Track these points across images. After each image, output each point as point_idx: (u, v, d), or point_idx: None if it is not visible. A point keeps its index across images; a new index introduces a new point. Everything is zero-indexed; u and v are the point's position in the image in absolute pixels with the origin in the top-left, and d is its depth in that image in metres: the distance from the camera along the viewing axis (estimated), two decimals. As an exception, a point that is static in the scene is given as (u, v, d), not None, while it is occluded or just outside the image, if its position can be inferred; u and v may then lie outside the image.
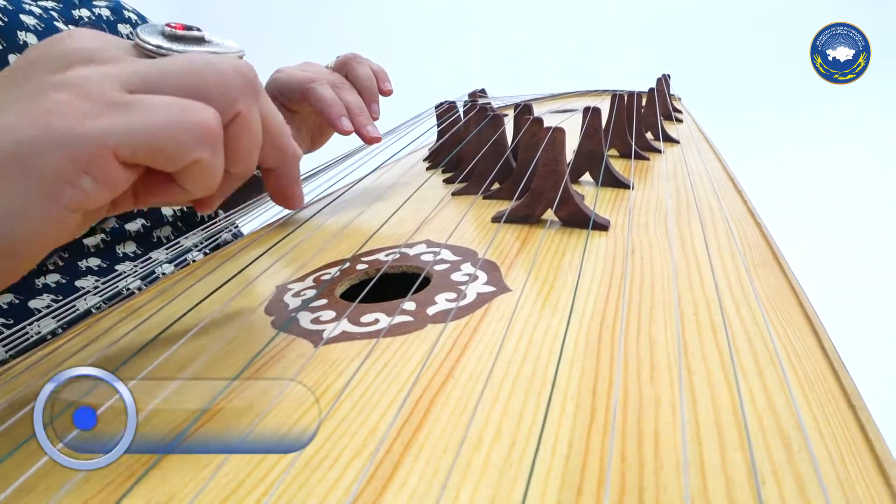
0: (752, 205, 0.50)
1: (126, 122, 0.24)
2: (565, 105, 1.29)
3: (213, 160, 0.26)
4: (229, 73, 0.27)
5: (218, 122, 0.26)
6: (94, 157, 0.23)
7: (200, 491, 0.21)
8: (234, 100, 0.27)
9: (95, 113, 0.24)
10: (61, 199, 0.23)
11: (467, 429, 0.23)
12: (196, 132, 0.25)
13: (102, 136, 0.23)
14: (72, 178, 0.23)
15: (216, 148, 0.26)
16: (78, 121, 0.23)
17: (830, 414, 0.23)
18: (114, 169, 0.24)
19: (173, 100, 0.25)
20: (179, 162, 0.25)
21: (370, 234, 0.48)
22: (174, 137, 0.25)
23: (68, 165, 0.23)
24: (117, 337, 0.37)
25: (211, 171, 0.27)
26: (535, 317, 0.31)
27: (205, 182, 0.27)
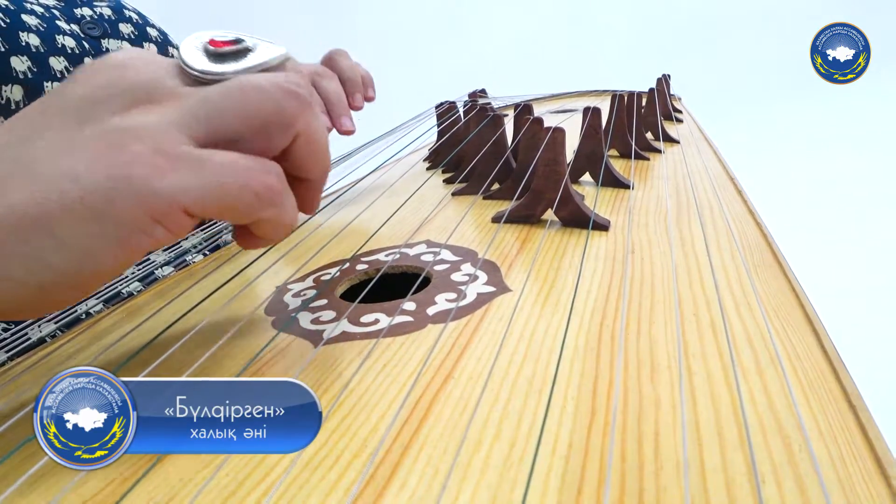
0: (752, 205, 0.50)
1: (198, 182, 0.25)
2: (565, 105, 1.29)
3: (281, 214, 0.28)
4: (280, 98, 0.27)
5: (283, 180, 0.27)
6: (168, 212, 0.25)
7: (200, 490, 0.21)
8: (291, 124, 0.28)
9: (169, 168, 0.25)
10: (132, 244, 0.25)
11: (467, 429, 0.23)
12: (262, 193, 0.26)
13: (176, 193, 0.25)
14: (145, 228, 0.25)
15: (282, 204, 0.28)
16: (153, 176, 0.24)
17: (831, 414, 0.23)
18: (183, 220, 0.26)
19: (241, 160, 0.26)
20: (245, 220, 0.27)
21: (370, 234, 0.48)
22: (242, 200, 0.26)
23: (143, 217, 0.25)
24: (117, 338, 0.37)
25: (281, 223, 0.28)
26: (535, 317, 0.31)
27: (276, 232, 0.29)
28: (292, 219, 0.29)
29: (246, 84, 0.28)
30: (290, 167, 0.29)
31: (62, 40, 0.55)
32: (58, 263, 0.24)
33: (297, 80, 0.29)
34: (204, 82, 0.29)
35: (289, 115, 0.28)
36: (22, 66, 0.51)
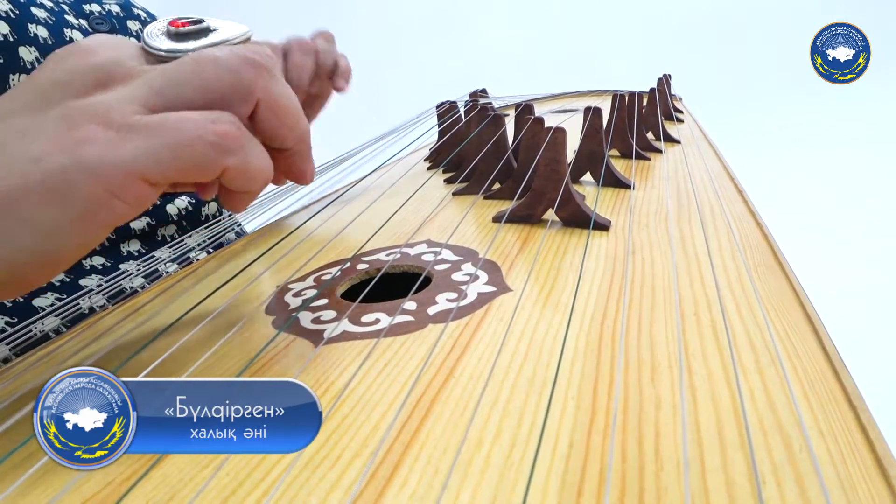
0: (752, 205, 0.50)
1: (149, 147, 0.25)
2: (566, 105, 1.29)
3: (245, 161, 0.27)
4: (237, 65, 0.27)
5: (236, 125, 0.27)
6: (124, 184, 0.25)
7: (201, 490, 0.21)
8: (249, 90, 0.28)
9: (119, 139, 0.25)
10: (95, 220, 0.25)
11: (468, 429, 0.23)
12: (215, 142, 0.26)
13: (129, 163, 0.25)
14: (105, 203, 0.25)
15: (242, 150, 0.27)
16: (105, 150, 0.25)
17: (831, 414, 0.23)
18: (143, 190, 0.26)
19: (190, 115, 0.26)
20: (209, 174, 0.27)
21: (371, 233, 0.48)
22: (196, 153, 0.26)
23: (100, 193, 0.25)
24: (119, 336, 0.37)
25: (249, 170, 0.27)
26: (535, 317, 0.31)
27: (248, 180, 0.28)
28: (260, 164, 0.28)
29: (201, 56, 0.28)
30: (262, 139, 0.29)
31: (70, 34, 0.56)
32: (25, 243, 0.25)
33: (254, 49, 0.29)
34: (164, 61, 0.29)
35: (246, 82, 0.27)
36: (30, 57, 0.51)
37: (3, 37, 0.50)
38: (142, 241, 0.58)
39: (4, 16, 0.51)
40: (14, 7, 0.52)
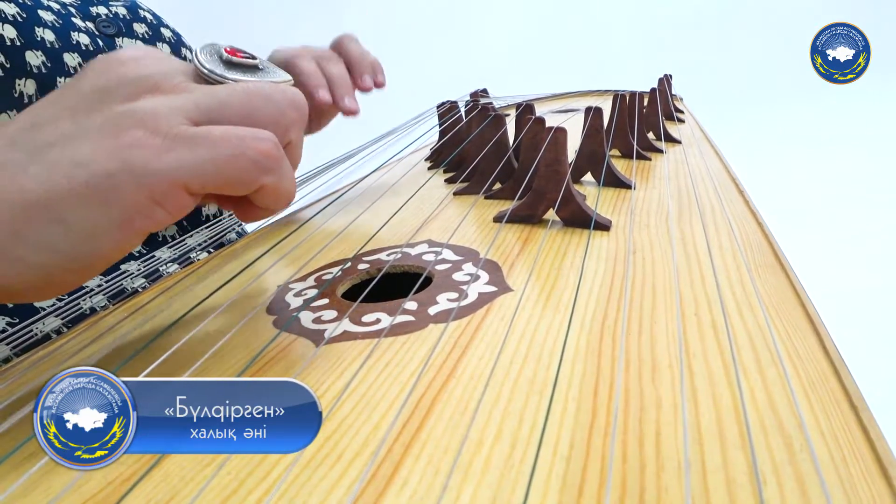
0: (753, 205, 0.50)
1: (194, 158, 0.26)
2: (567, 105, 1.29)
3: (280, 181, 0.28)
4: (283, 105, 0.29)
5: (278, 147, 0.28)
6: (167, 192, 0.26)
7: (201, 490, 0.21)
8: (287, 130, 0.29)
9: (166, 149, 0.26)
10: (134, 226, 0.26)
11: (468, 429, 0.23)
12: (258, 160, 0.27)
13: (173, 172, 0.25)
14: (145, 210, 0.26)
15: (280, 170, 0.28)
16: (151, 157, 0.25)
17: (832, 414, 0.23)
18: (183, 199, 0.27)
19: (235, 131, 0.27)
20: (247, 189, 0.28)
21: (372, 233, 0.48)
22: (238, 168, 0.27)
23: (143, 199, 0.25)
24: (119, 336, 0.37)
25: (281, 190, 0.29)
26: (536, 317, 0.31)
27: (278, 200, 0.30)
28: (291, 186, 0.30)
29: (253, 87, 0.29)
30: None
31: (77, 37, 0.56)
32: (63, 246, 0.25)
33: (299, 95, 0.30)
34: (211, 82, 0.30)
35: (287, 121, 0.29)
36: (36, 61, 0.51)
37: (10, 41, 0.50)
38: (143, 242, 0.58)
39: (11, 19, 0.51)
40: (21, 10, 0.52)
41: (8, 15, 0.50)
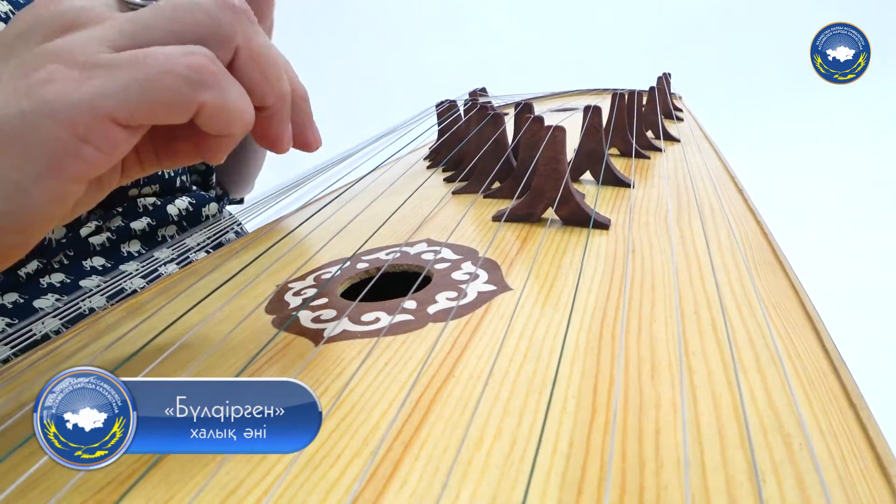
0: (752, 203, 0.50)
1: (116, 83, 0.23)
2: (566, 104, 1.29)
3: (223, 97, 0.25)
4: (214, 10, 0.26)
5: (211, 59, 0.25)
6: (91, 125, 0.23)
7: (201, 490, 0.21)
8: (229, 36, 0.26)
9: (84, 78, 0.23)
10: (64, 171, 0.23)
11: (468, 428, 0.23)
12: (189, 75, 0.24)
13: (94, 100, 0.23)
14: (72, 149, 0.23)
15: (220, 85, 0.25)
16: (68, 88, 0.23)
17: (831, 413, 0.23)
18: (113, 133, 0.24)
19: (161, 49, 0.24)
20: (184, 111, 0.25)
21: (370, 232, 0.48)
22: (168, 87, 0.24)
23: (65, 136, 0.23)
24: (119, 335, 0.37)
25: (226, 109, 0.25)
26: (535, 316, 0.31)
27: (226, 120, 0.26)
28: (240, 104, 0.26)
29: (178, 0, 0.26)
30: None
31: None
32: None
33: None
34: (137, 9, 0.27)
35: (225, 27, 0.25)
36: None
37: None
38: (142, 242, 0.58)
39: (4, 17, 0.50)
40: (14, 8, 0.51)
41: (1, 13, 0.50)
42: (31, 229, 0.24)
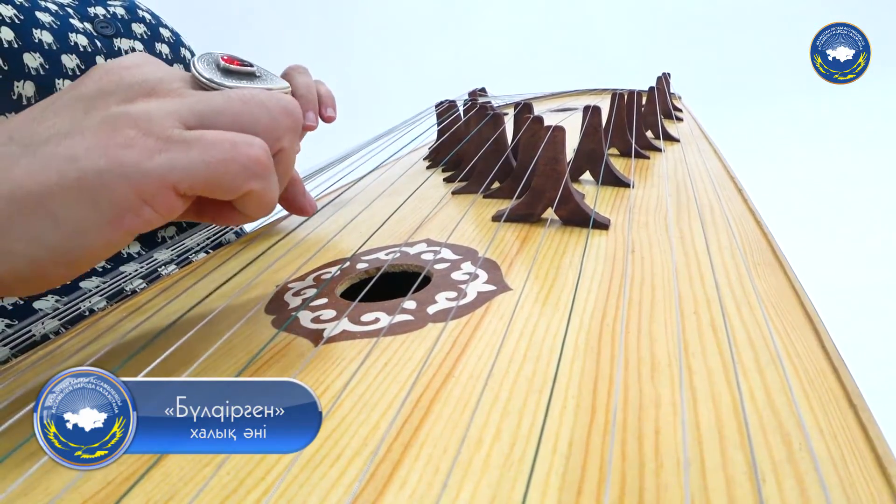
0: (752, 203, 0.50)
1: (185, 159, 0.26)
2: (565, 104, 1.29)
3: (267, 188, 0.29)
4: (277, 112, 0.30)
5: (268, 155, 0.29)
6: (156, 192, 0.26)
7: (201, 490, 0.21)
8: (280, 138, 0.30)
9: (158, 150, 0.26)
10: (123, 225, 0.26)
11: (468, 428, 0.23)
12: (248, 166, 0.28)
13: (164, 172, 0.26)
14: (135, 208, 0.26)
15: (268, 178, 0.29)
16: (143, 157, 0.26)
17: (831, 413, 0.23)
18: (172, 200, 0.27)
19: (228, 135, 0.28)
20: (234, 193, 0.28)
21: (370, 232, 0.48)
22: (228, 172, 0.27)
23: (133, 197, 0.26)
24: (119, 336, 0.37)
25: (266, 198, 0.30)
26: (535, 316, 0.31)
27: (261, 207, 0.30)
28: (276, 194, 0.30)
29: (248, 94, 0.30)
30: None
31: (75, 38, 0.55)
32: (52, 241, 0.25)
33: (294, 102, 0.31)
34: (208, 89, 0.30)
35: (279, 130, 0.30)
36: (34, 63, 0.51)
37: (7, 43, 0.49)
38: (142, 243, 0.58)
39: (9, 21, 0.50)
40: (19, 12, 0.51)
41: (5, 17, 0.50)
42: (79, 266, 0.27)
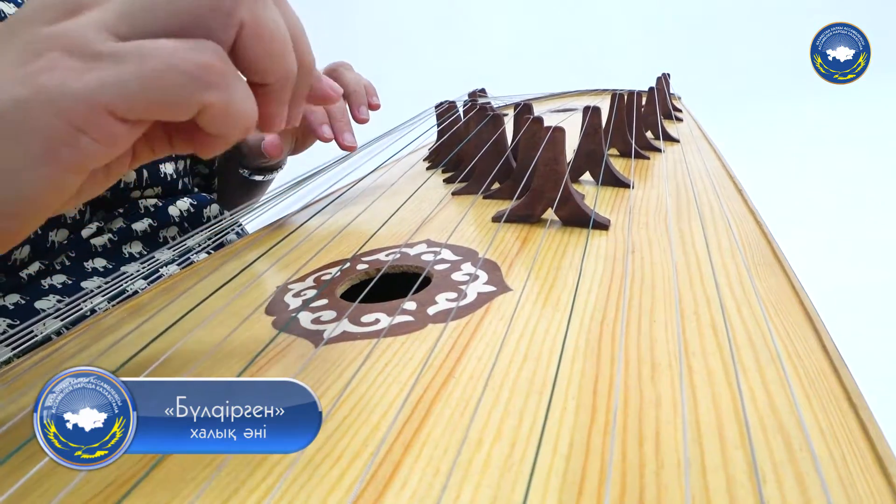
0: (752, 204, 0.50)
1: (116, 76, 0.23)
2: (565, 104, 1.29)
3: (228, 98, 0.24)
4: None
5: (220, 57, 0.24)
6: (89, 117, 0.23)
7: (202, 491, 0.21)
8: (231, 12, 0.24)
9: (85, 69, 0.23)
10: (60, 160, 0.23)
11: (468, 429, 0.23)
12: (194, 73, 0.23)
13: (92, 92, 0.22)
14: (68, 138, 0.23)
15: (226, 86, 0.24)
16: (68, 78, 0.22)
17: (831, 413, 0.23)
18: (111, 126, 0.23)
19: (165, 43, 0.23)
20: (186, 111, 0.24)
21: (370, 233, 0.48)
22: (170, 85, 0.23)
23: (61, 126, 0.22)
24: (119, 336, 0.37)
25: (231, 110, 0.24)
26: (535, 316, 0.31)
27: (229, 123, 0.25)
28: (244, 107, 0.25)
29: None
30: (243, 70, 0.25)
31: None
32: None
33: None
34: None
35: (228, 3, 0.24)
36: None
37: None
38: (143, 243, 0.58)
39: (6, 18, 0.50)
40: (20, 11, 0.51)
41: (7, 14, 0.50)
42: (24, 216, 0.24)
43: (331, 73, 0.63)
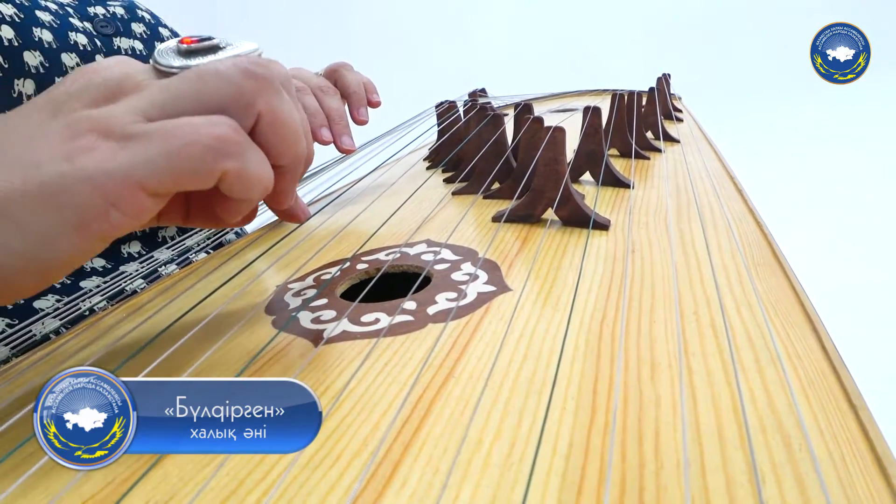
0: (752, 204, 0.50)
1: (146, 154, 0.25)
2: (565, 104, 1.29)
3: (244, 165, 0.27)
4: (238, 79, 0.28)
5: (236, 129, 0.27)
6: (122, 193, 0.25)
7: (201, 490, 0.21)
8: (250, 103, 0.28)
9: (119, 148, 0.25)
10: (91, 230, 0.25)
11: (468, 428, 0.23)
12: (213, 146, 0.26)
13: (127, 171, 0.25)
14: (101, 212, 0.25)
15: (242, 154, 0.27)
16: (105, 158, 0.25)
17: (831, 413, 0.23)
18: (141, 200, 0.26)
19: (187, 121, 0.26)
20: (207, 179, 0.26)
21: (370, 233, 0.48)
22: (193, 157, 0.26)
23: (98, 201, 0.25)
24: (119, 336, 0.37)
25: (247, 175, 0.27)
26: (535, 316, 0.31)
27: (245, 187, 0.28)
28: (260, 171, 0.28)
29: (203, 69, 0.28)
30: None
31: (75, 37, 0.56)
32: (19, 248, 0.25)
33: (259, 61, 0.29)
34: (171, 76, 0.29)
35: (247, 95, 0.27)
36: (34, 61, 0.51)
37: (7, 41, 0.50)
38: (142, 243, 0.58)
39: (9, 20, 0.51)
40: (19, 11, 0.52)
41: (6, 15, 0.50)
42: (49, 275, 0.26)
43: (331, 73, 0.63)
